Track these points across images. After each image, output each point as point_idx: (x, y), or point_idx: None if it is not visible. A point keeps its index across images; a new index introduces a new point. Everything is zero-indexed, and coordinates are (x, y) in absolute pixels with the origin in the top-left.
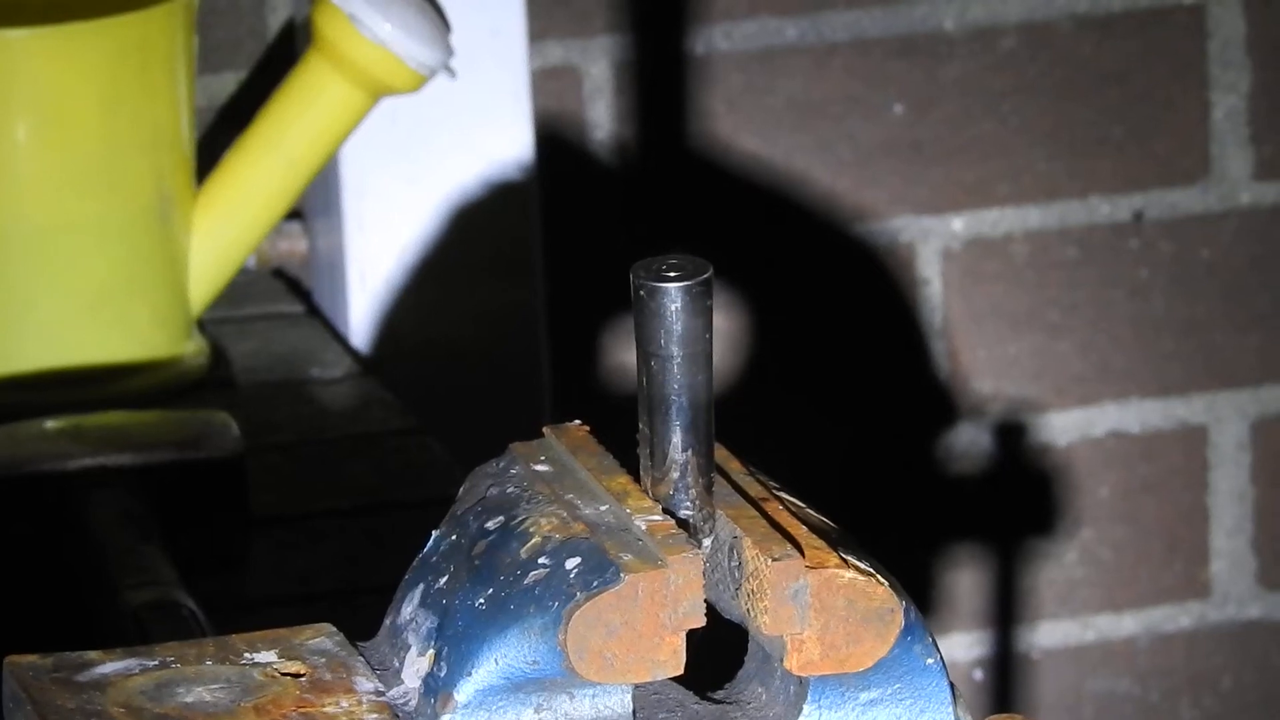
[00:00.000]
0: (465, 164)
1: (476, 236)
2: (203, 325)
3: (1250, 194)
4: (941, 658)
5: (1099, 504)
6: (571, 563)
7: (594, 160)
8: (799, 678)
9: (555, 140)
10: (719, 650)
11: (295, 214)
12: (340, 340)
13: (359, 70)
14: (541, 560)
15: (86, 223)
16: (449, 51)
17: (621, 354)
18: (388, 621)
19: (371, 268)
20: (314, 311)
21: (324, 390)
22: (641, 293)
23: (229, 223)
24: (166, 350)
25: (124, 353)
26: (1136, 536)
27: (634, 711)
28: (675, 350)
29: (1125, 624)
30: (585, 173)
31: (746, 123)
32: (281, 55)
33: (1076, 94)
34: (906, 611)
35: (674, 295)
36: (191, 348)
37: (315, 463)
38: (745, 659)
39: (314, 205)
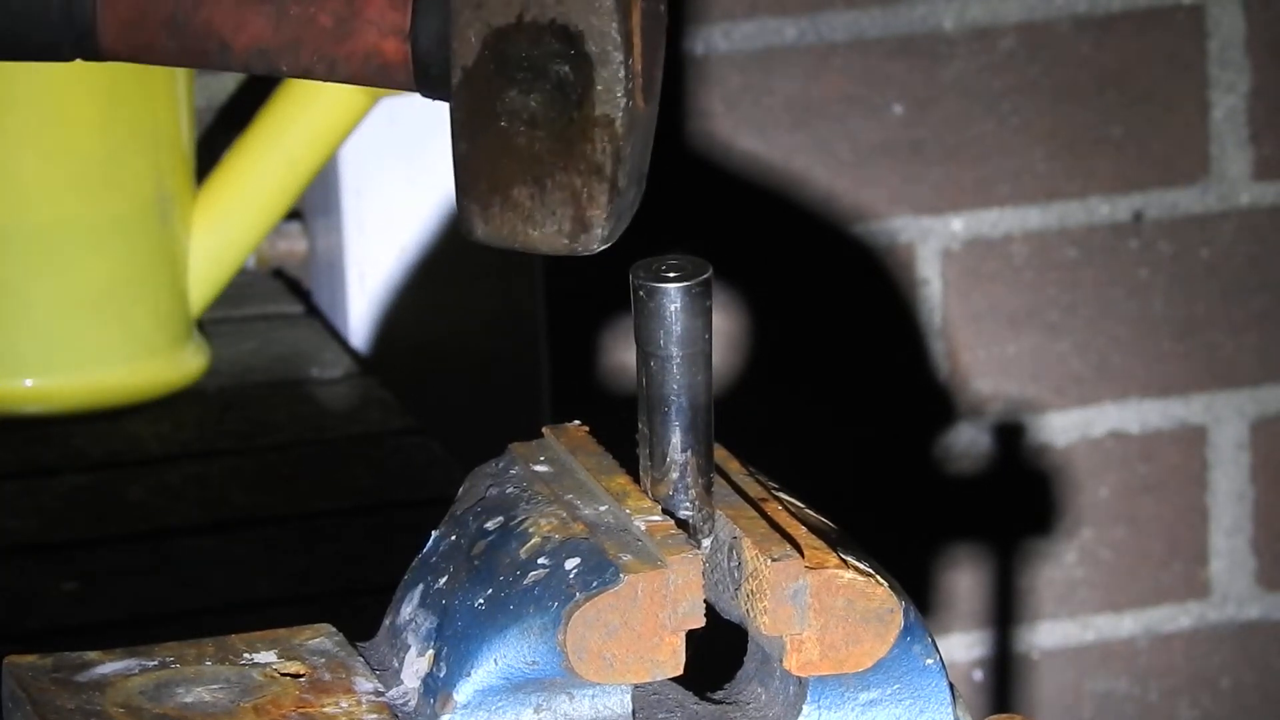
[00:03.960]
0: None
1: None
2: (202, 325)
3: (1250, 194)
4: (941, 658)
5: (1099, 504)
6: (571, 563)
7: None
8: (798, 678)
9: None
10: (719, 650)
11: (295, 214)
12: (340, 340)
13: None
14: (541, 560)
15: (86, 223)
16: None
17: (621, 354)
18: (387, 622)
19: (371, 268)
20: (314, 311)
21: (324, 390)
22: (641, 293)
23: (229, 223)
24: (166, 350)
25: (124, 353)
26: (1136, 536)
27: (633, 712)
28: (675, 350)
29: (1125, 624)
30: None
31: (745, 123)
32: None
33: (1076, 94)
34: (906, 612)
35: (673, 295)
36: (191, 348)
37: (315, 463)
38: (745, 659)
39: (314, 205)
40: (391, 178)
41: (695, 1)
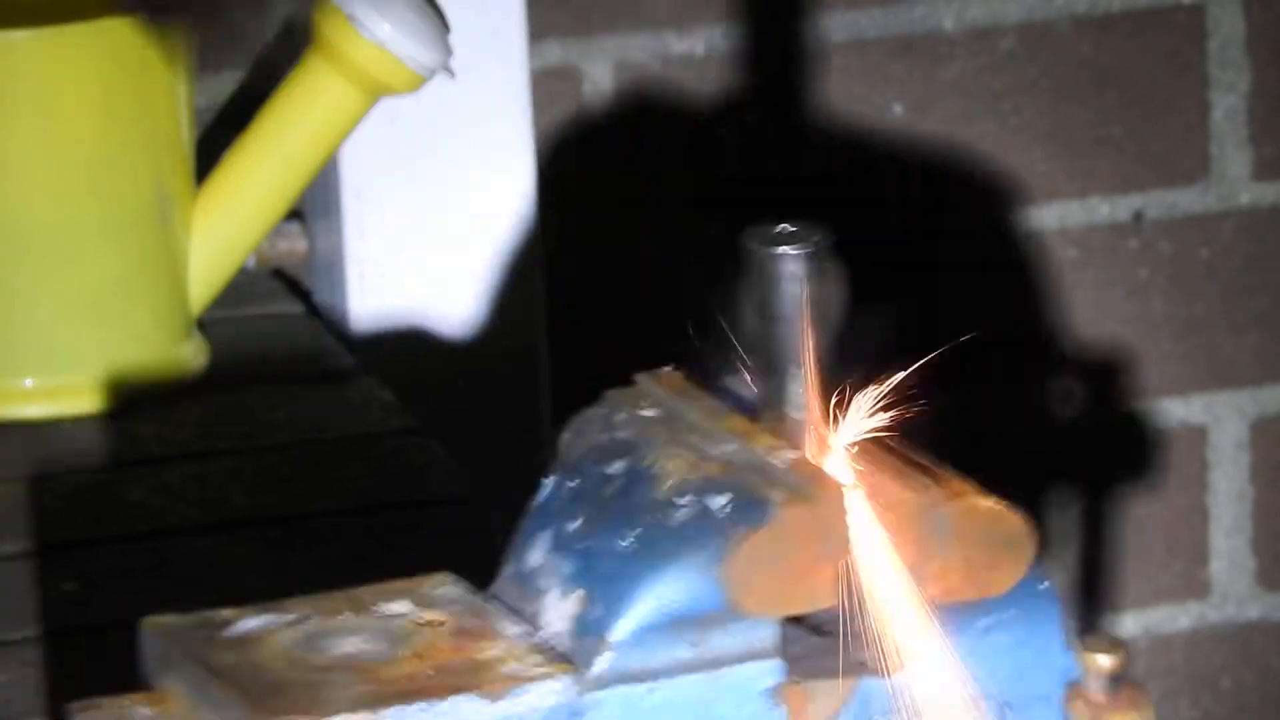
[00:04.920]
0: (465, 164)
1: (476, 237)
2: (202, 325)
3: (1250, 194)
4: (1053, 582)
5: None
6: (719, 501)
7: (594, 160)
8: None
9: (555, 140)
10: None
11: (295, 214)
12: (340, 340)
13: (359, 70)
14: (684, 500)
15: (86, 223)
16: (449, 51)
17: (621, 354)
18: (509, 569)
19: (371, 268)
20: (314, 311)
21: (324, 390)
22: (760, 259)
23: (229, 223)
24: (166, 350)
25: (124, 353)
26: (1136, 536)
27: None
28: (792, 314)
29: (1125, 624)
30: (585, 172)
31: None
32: (281, 55)
33: (1076, 94)
34: None
35: (791, 260)
36: (191, 348)
37: (315, 463)
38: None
39: (314, 205)
40: (391, 178)
41: (695, 1)
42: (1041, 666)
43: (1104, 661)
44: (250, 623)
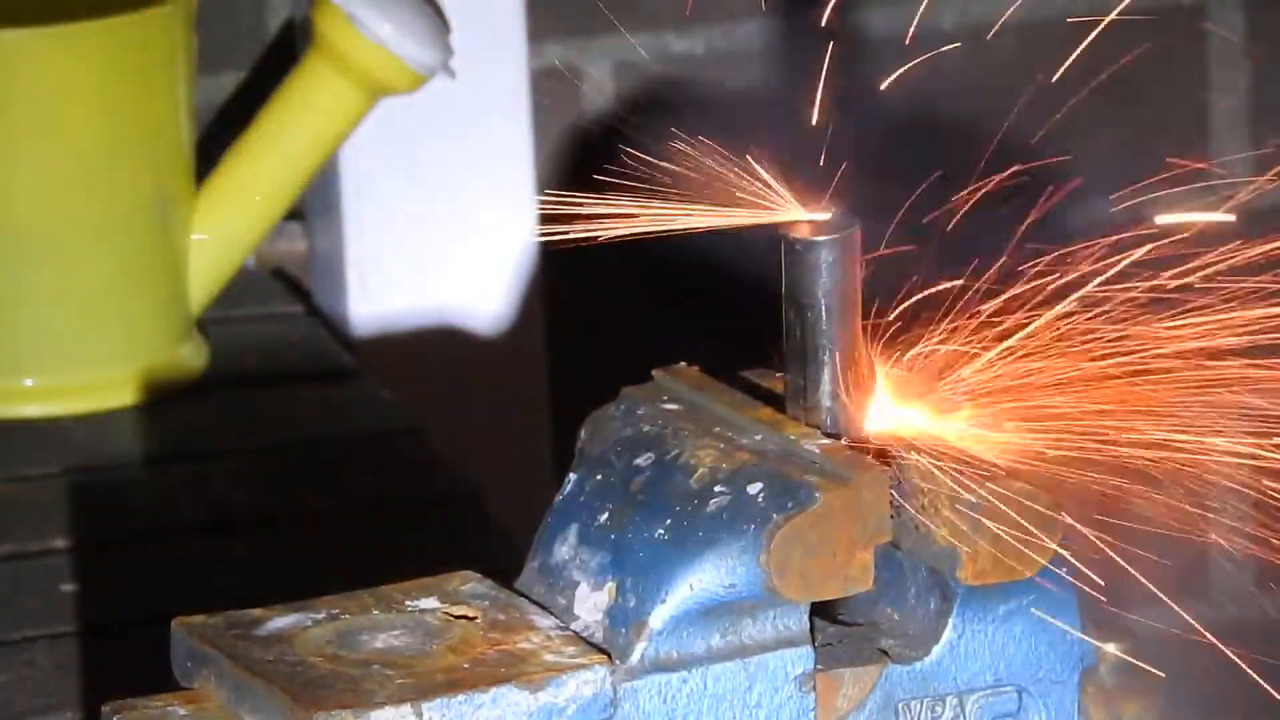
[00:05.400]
0: (465, 164)
1: (476, 237)
2: (202, 325)
3: (1250, 194)
4: (1069, 567)
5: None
6: (754, 488)
7: (594, 160)
8: (941, 595)
9: (555, 140)
10: None
11: (295, 214)
12: (340, 340)
13: (359, 70)
14: (719, 489)
15: (86, 223)
16: (449, 51)
17: (622, 353)
18: (534, 564)
19: (371, 268)
20: (314, 311)
21: (324, 390)
22: (797, 247)
23: (229, 223)
24: (166, 350)
25: (124, 353)
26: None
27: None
28: (826, 301)
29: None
30: (585, 172)
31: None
32: (281, 55)
33: (1075, 94)
34: None
35: (827, 247)
36: (191, 348)
37: (315, 463)
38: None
39: (314, 205)
40: (391, 178)
41: (695, 1)
42: (1058, 652)
43: (1117, 649)
44: (281, 621)
